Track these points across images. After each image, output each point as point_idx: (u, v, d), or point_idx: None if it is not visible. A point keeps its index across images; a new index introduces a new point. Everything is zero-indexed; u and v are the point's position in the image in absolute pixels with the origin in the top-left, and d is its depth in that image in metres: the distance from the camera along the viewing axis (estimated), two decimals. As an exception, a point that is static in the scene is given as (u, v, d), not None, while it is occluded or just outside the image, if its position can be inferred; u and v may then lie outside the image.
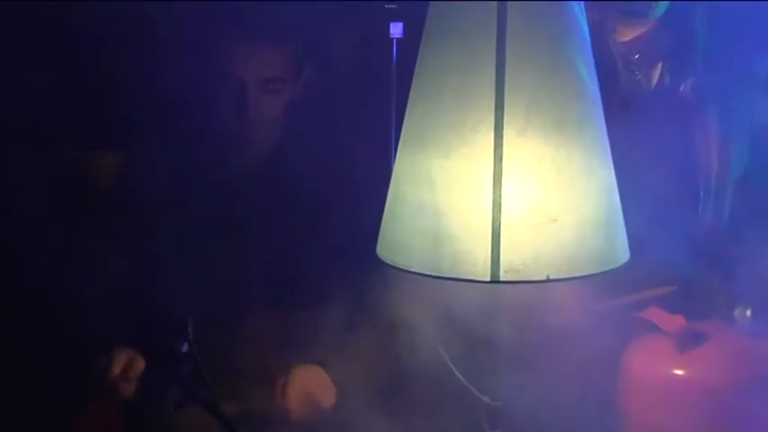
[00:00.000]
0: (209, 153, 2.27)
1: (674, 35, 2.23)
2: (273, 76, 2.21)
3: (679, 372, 1.87)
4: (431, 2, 1.47)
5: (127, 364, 2.05)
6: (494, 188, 1.39)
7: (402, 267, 1.47)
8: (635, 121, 2.17)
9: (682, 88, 2.24)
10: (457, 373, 1.67)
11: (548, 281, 1.41)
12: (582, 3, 1.47)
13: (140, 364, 2.05)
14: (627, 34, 2.21)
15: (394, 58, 2.57)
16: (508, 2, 1.38)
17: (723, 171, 2.26)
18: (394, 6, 2.58)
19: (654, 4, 2.15)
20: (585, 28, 1.46)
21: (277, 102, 2.23)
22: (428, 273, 1.43)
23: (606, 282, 1.80)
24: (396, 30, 2.57)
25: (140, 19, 2.61)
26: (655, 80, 2.26)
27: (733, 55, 2.24)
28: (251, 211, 2.25)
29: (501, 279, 1.40)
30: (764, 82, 2.26)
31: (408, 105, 1.49)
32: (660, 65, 2.25)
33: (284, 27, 2.23)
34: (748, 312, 1.91)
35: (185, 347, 1.78)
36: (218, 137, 2.25)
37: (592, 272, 1.44)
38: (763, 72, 2.25)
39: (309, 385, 2.14)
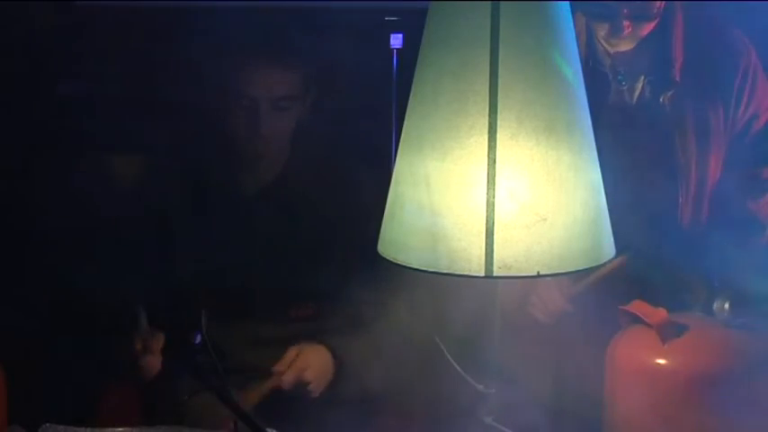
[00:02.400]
0: (225, 165, 2.28)
1: (655, 50, 2.22)
2: (284, 95, 2.21)
3: (661, 361, 1.86)
4: (429, 13, 1.48)
5: (148, 338, 2.07)
6: (487, 189, 1.40)
7: (402, 264, 1.48)
8: (621, 131, 2.18)
9: (661, 100, 2.24)
10: (453, 362, 1.67)
11: (538, 276, 1.43)
12: (570, 12, 1.47)
13: (161, 338, 2.07)
14: (626, 44, 2.19)
15: (394, 67, 2.57)
16: (500, 10, 1.39)
17: (701, 178, 2.27)
18: (394, 18, 2.58)
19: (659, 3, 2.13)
20: (573, 36, 1.48)
21: (287, 118, 2.24)
22: (426, 269, 1.44)
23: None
24: (396, 41, 2.56)
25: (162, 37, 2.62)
26: (637, 93, 2.25)
27: (709, 70, 2.24)
28: (262, 216, 2.26)
29: (494, 275, 1.41)
30: (738, 96, 2.26)
31: (407, 111, 1.50)
32: (642, 78, 2.24)
33: (294, 46, 2.23)
34: (726, 305, 1.91)
35: (198, 338, 1.78)
36: (233, 151, 2.26)
37: (579, 268, 1.46)
38: (735, 86, 2.25)
39: (309, 371, 2.17)
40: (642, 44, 2.18)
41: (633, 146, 2.18)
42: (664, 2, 2.14)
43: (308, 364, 2.18)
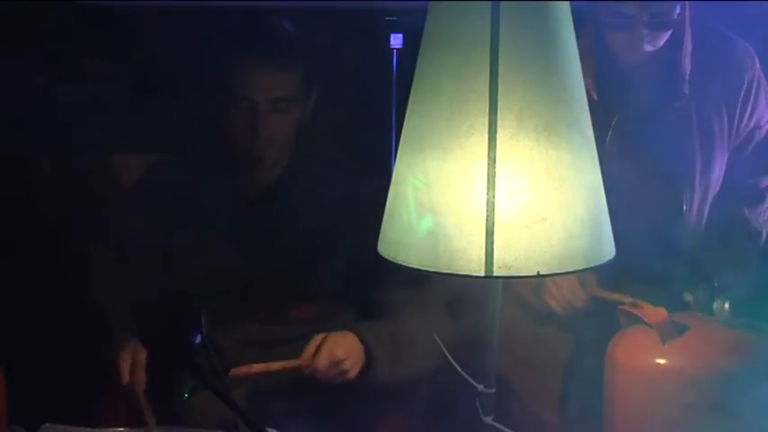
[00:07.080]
0: (224, 167, 2.26)
1: (665, 64, 2.20)
2: (283, 96, 2.17)
3: (661, 361, 1.86)
4: (428, 13, 1.46)
5: (132, 358, 2.04)
6: (487, 189, 1.38)
7: (402, 263, 1.45)
8: (628, 141, 2.17)
9: (669, 112, 2.21)
10: (452, 362, 1.65)
11: (538, 276, 1.41)
12: (570, 12, 1.46)
13: (143, 355, 2.03)
14: (642, 55, 2.15)
15: (394, 66, 2.57)
16: (501, 11, 1.37)
17: (704, 187, 2.26)
18: (394, 18, 2.58)
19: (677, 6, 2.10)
20: (573, 36, 1.46)
21: (286, 120, 2.20)
22: (426, 269, 1.42)
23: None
24: (396, 41, 2.56)
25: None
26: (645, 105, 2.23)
27: (715, 82, 2.22)
28: (262, 218, 2.24)
29: (494, 274, 1.39)
30: (742, 107, 2.25)
31: (407, 111, 1.48)
32: (650, 90, 2.22)
33: (293, 47, 2.21)
34: (726, 305, 1.91)
35: (198, 339, 1.77)
36: (232, 152, 2.23)
37: (579, 268, 1.43)
38: (740, 98, 2.24)
39: (340, 349, 2.11)
40: (652, 58, 2.16)
41: (641, 155, 2.17)
42: (679, 9, 2.11)
43: (337, 344, 2.11)
